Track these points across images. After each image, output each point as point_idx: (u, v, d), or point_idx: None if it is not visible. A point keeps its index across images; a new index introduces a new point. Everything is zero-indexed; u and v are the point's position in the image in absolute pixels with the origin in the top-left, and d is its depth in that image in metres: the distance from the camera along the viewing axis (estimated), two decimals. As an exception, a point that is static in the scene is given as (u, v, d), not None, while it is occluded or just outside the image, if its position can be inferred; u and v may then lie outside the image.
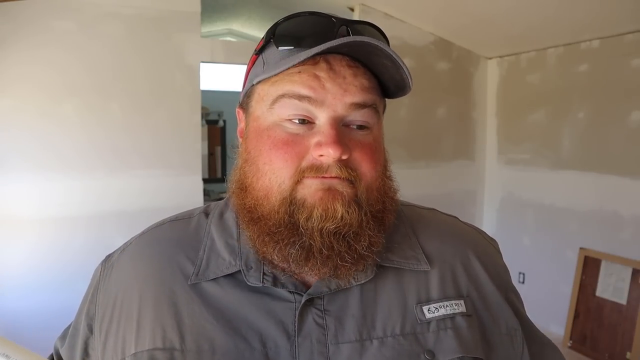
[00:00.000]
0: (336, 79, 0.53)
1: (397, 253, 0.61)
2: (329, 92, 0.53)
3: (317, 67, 0.53)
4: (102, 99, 2.72)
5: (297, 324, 0.55)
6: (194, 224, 0.65)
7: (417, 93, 3.53)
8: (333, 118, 0.53)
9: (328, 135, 0.52)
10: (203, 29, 3.37)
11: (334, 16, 0.56)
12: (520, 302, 0.68)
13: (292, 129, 0.54)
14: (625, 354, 2.79)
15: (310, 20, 0.56)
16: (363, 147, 0.55)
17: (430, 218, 0.70)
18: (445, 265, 0.62)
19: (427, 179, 3.60)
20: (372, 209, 0.55)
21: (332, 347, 0.54)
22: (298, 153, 0.53)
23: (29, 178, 2.58)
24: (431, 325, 0.57)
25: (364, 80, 0.54)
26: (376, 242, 0.55)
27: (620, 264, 2.90)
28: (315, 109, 0.53)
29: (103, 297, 0.63)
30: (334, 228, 0.52)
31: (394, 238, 0.62)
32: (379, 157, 0.57)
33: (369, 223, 0.54)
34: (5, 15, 2.48)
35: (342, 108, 0.53)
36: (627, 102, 2.87)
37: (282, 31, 0.57)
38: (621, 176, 2.91)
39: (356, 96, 0.53)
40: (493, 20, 3.16)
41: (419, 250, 0.62)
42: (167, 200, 2.86)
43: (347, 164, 0.53)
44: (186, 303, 0.57)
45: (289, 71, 0.54)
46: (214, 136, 5.16)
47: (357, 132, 0.55)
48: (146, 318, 0.57)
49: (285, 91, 0.53)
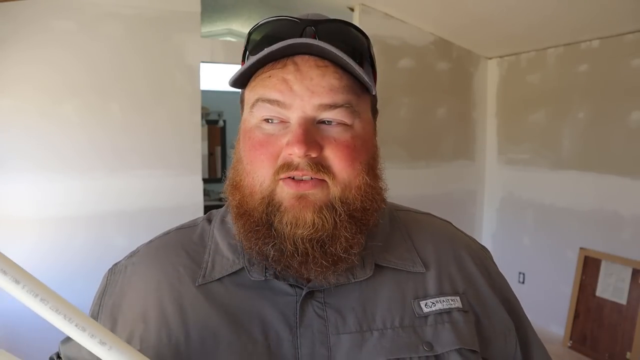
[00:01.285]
0: (303, 80, 0.54)
1: (394, 254, 0.63)
2: (297, 95, 0.54)
3: (285, 70, 0.55)
4: (102, 99, 2.72)
5: (298, 316, 0.56)
6: (199, 231, 0.68)
7: (417, 93, 3.54)
8: (302, 118, 0.54)
9: (295, 134, 0.53)
10: (203, 29, 3.37)
11: (300, 18, 0.58)
12: (518, 305, 0.69)
13: (267, 129, 0.56)
14: (625, 354, 2.79)
15: (277, 24, 0.58)
16: (337, 144, 0.55)
17: (426, 222, 0.71)
18: (440, 266, 0.64)
19: (427, 179, 3.60)
20: (348, 209, 0.56)
21: (333, 338, 0.56)
22: (273, 153, 0.55)
23: (29, 178, 2.58)
24: (429, 319, 0.58)
25: (333, 80, 0.55)
26: (355, 243, 0.56)
27: (620, 264, 2.90)
28: (286, 111, 0.55)
29: (109, 299, 0.64)
30: (307, 235, 0.54)
31: (390, 240, 0.64)
32: (357, 154, 0.56)
33: (345, 224, 0.55)
34: (5, 15, 2.48)
35: (310, 109, 0.54)
36: (627, 102, 2.87)
37: (252, 38, 0.59)
38: (621, 176, 2.91)
39: (324, 97, 0.54)
40: (493, 20, 3.16)
41: (414, 253, 0.64)
42: (167, 200, 2.86)
43: (318, 161, 0.54)
44: (191, 302, 0.59)
45: (262, 76, 0.56)
46: (214, 136, 5.16)
47: (332, 129, 0.56)
48: (152, 317, 0.59)
49: (259, 95, 0.56)
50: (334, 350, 0.55)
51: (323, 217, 0.54)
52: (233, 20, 4.46)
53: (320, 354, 0.55)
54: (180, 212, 2.79)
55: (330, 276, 0.56)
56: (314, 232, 0.54)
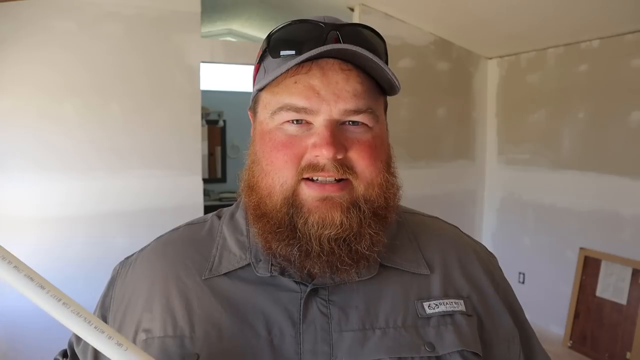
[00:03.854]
0: (329, 85, 0.55)
1: (400, 255, 0.63)
2: (324, 100, 0.55)
3: (311, 75, 0.55)
4: (102, 99, 2.72)
5: (302, 312, 0.57)
6: (208, 226, 0.69)
7: (417, 93, 3.54)
8: (328, 121, 0.55)
9: (322, 136, 0.54)
10: (203, 29, 3.37)
11: (324, 22, 0.58)
12: (521, 313, 0.70)
13: (290, 130, 0.57)
14: (625, 354, 2.79)
15: (300, 27, 0.58)
16: (360, 144, 0.57)
17: (432, 226, 0.72)
18: (445, 270, 0.64)
19: (427, 179, 3.60)
20: (372, 206, 0.57)
21: (335, 335, 0.56)
22: (297, 153, 0.56)
23: (29, 178, 2.58)
24: (432, 321, 0.59)
25: (356, 84, 0.56)
26: (377, 240, 0.57)
27: (620, 264, 2.90)
28: (313, 115, 0.56)
29: (119, 291, 0.66)
30: (334, 234, 0.55)
31: (397, 242, 0.64)
32: (378, 153, 0.58)
33: (369, 222, 0.56)
34: (5, 15, 2.48)
35: (336, 113, 0.55)
36: (627, 102, 2.87)
37: (274, 41, 0.59)
38: (621, 176, 2.91)
39: (349, 103, 0.55)
40: (493, 20, 3.16)
41: (420, 255, 0.65)
42: (167, 200, 2.86)
43: (343, 162, 0.55)
44: (197, 295, 0.60)
45: (286, 82, 0.56)
46: (214, 136, 5.16)
47: (355, 130, 0.57)
48: (158, 308, 0.60)
49: (284, 104, 0.56)
50: (336, 348, 0.56)
51: (350, 217, 0.55)
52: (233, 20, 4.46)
53: (322, 350, 0.56)
54: (180, 212, 2.80)
55: (353, 274, 0.57)
56: (342, 232, 0.55)
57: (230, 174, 5.19)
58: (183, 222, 0.72)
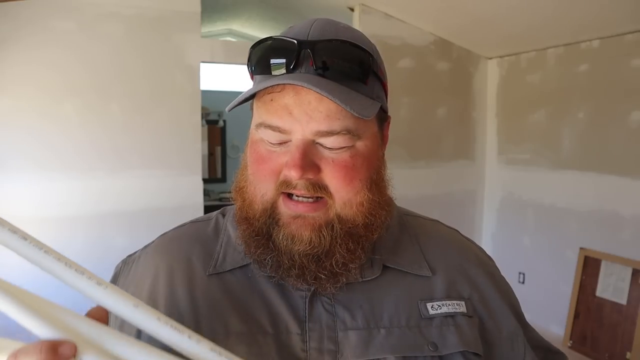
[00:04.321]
0: (301, 105, 0.54)
1: (402, 257, 0.64)
2: (296, 120, 0.54)
3: (284, 94, 0.55)
4: (102, 99, 2.72)
5: (307, 310, 0.58)
6: (213, 224, 0.70)
7: (417, 93, 3.54)
8: (301, 140, 0.55)
9: (292, 157, 0.54)
10: (203, 29, 3.37)
11: (299, 39, 0.56)
12: (521, 314, 0.71)
13: (269, 147, 0.57)
14: (625, 354, 2.79)
15: (276, 44, 0.57)
16: (335, 164, 0.56)
17: (433, 229, 0.73)
18: (446, 271, 0.65)
19: (427, 179, 3.60)
20: (347, 226, 0.57)
21: (340, 333, 0.57)
22: (274, 169, 0.57)
23: (29, 178, 2.59)
24: (434, 321, 0.60)
25: (330, 104, 0.54)
26: (351, 259, 0.57)
27: (620, 264, 2.90)
28: (287, 135, 0.56)
29: (121, 287, 0.65)
30: (303, 250, 0.56)
31: (399, 244, 0.65)
32: (356, 173, 0.56)
33: (341, 241, 0.56)
34: (5, 16, 2.48)
35: (309, 133, 0.54)
36: (627, 102, 2.87)
37: (252, 58, 0.59)
38: (621, 176, 2.91)
39: (321, 124, 0.54)
40: (493, 20, 3.16)
41: (422, 257, 0.66)
42: (167, 200, 2.86)
43: (316, 182, 0.55)
44: (203, 291, 0.60)
45: (264, 98, 0.57)
46: (214, 136, 5.16)
47: (331, 150, 0.56)
48: (162, 302, 0.60)
49: (263, 120, 0.57)
50: (342, 346, 0.56)
51: (321, 235, 0.56)
52: (233, 20, 4.47)
53: (327, 348, 0.56)
54: (180, 212, 2.79)
55: (329, 287, 0.57)
56: (310, 249, 0.56)
57: (230, 174, 5.17)
58: (183, 222, 0.72)
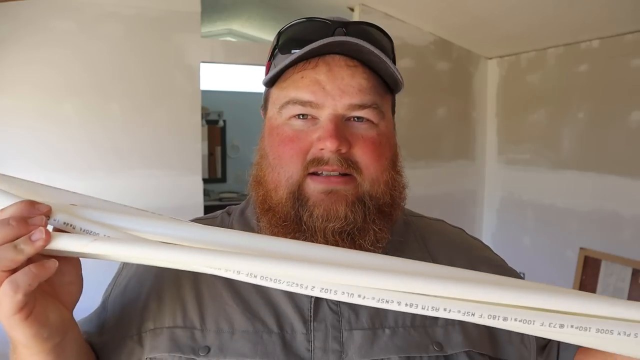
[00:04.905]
0: (335, 80, 0.56)
1: (407, 255, 0.64)
2: (329, 94, 0.56)
3: (317, 70, 0.56)
4: (102, 99, 2.72)
5: (312, 310, 0.58)
6: (218, 222, 0.70)
7: (417, 93, 3.53)
8: (333, 115, 0.56)
9: (327, 129, 0.55)
10: (203, 29, 3.37)
11: (330, 19, 0.59)
12: None
13: (297, 125, 0.58)
14: (625, 354, 2.79)
15: (308, 25, 0.60)
16: (365, 141, 0.57)
17: (438, 228, 0.73)
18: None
19: (427, 179, 3.60)
20: (377, 203, 0.58)
21: (345, 333, 0.57)
22: (302, 148, 0.57)
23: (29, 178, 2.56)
24: (439, 321, 0.60)
25: (362, 80, 0.57)
26: (381, 237, 0.58)
27: (620, 264, 2.90)
28: (318, 110, 0.56)
29: (123, 278, 0.67)
30: (339, 227, 0.55)
31: (404, 242, 0.66)
32: (383, 150, 0.59)
33: (373, 218, 0.57)
34: (5, 16, 2.48)
35: (341, 108, 0.56)
36: (627, 102, 2.87)
37: (283, 38, 0.61)
38: (621, 176, 2.91)
39: (354, 97, 0.56)
40: (493, 20, 3.16)
41: (427, 256, 0.66)
42: (167, 200, 2.86)
43: (348, 157, 0.56)
44: (208, 287, 0.60)
45: (293, 77, 0.58)
46: (214, 136, 5.16)
47: (360, 126, 0.58)
48: (167, 297, 0.60)
49: (291, 98, 0.57)
50: (347, 345, 0.57)
51: (355, 211, 0.56)
52: (233, 20, 4.46)
53: (333, 348, 0.56)
54: (180, 212, 2.79)
55: None
56: (346, 225, 0.55)
57: (230, 174, 5.19)
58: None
